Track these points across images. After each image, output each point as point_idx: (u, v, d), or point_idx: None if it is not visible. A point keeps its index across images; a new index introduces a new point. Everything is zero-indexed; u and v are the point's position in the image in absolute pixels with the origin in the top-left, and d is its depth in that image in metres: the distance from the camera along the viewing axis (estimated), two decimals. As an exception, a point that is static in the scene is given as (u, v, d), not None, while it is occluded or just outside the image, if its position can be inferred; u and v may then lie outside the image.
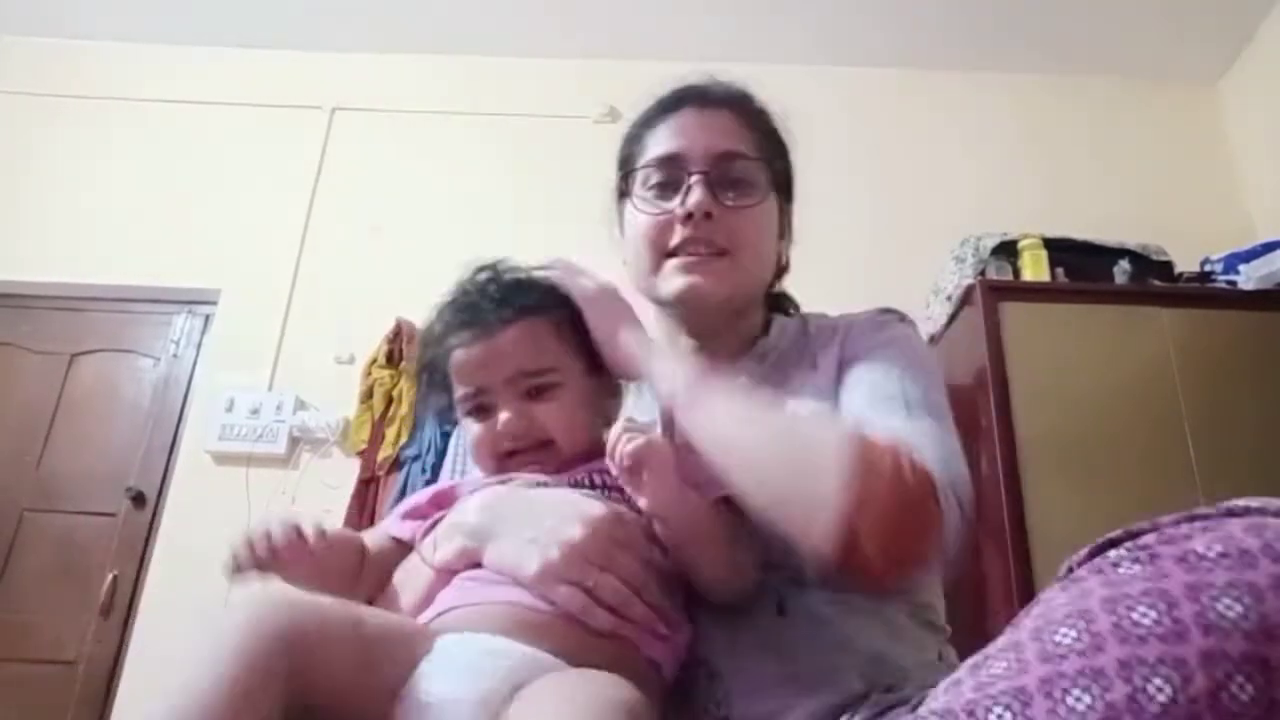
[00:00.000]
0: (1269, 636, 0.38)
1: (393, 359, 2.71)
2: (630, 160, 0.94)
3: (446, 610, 0.69)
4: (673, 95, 0.94)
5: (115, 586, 2.61)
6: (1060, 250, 2.41)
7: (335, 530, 0.76)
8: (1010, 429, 2.10)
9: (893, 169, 3.04)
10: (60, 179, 3.10)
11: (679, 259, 0.86)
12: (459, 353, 0.83)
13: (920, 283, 2.59)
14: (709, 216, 0.85)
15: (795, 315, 0.97)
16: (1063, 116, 3.13)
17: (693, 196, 0.86)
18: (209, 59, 3.27)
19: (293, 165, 3.10)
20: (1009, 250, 2.42)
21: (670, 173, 0.89)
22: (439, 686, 0.59)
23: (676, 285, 0.86)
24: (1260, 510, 0.43)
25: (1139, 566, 0.43)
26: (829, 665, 0.68)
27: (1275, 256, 2.33)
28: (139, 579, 2.62)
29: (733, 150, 0.89)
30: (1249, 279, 2.35)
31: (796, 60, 3.10)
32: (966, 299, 2.35)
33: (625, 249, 0.95)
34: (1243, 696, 0.38)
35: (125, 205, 3.05)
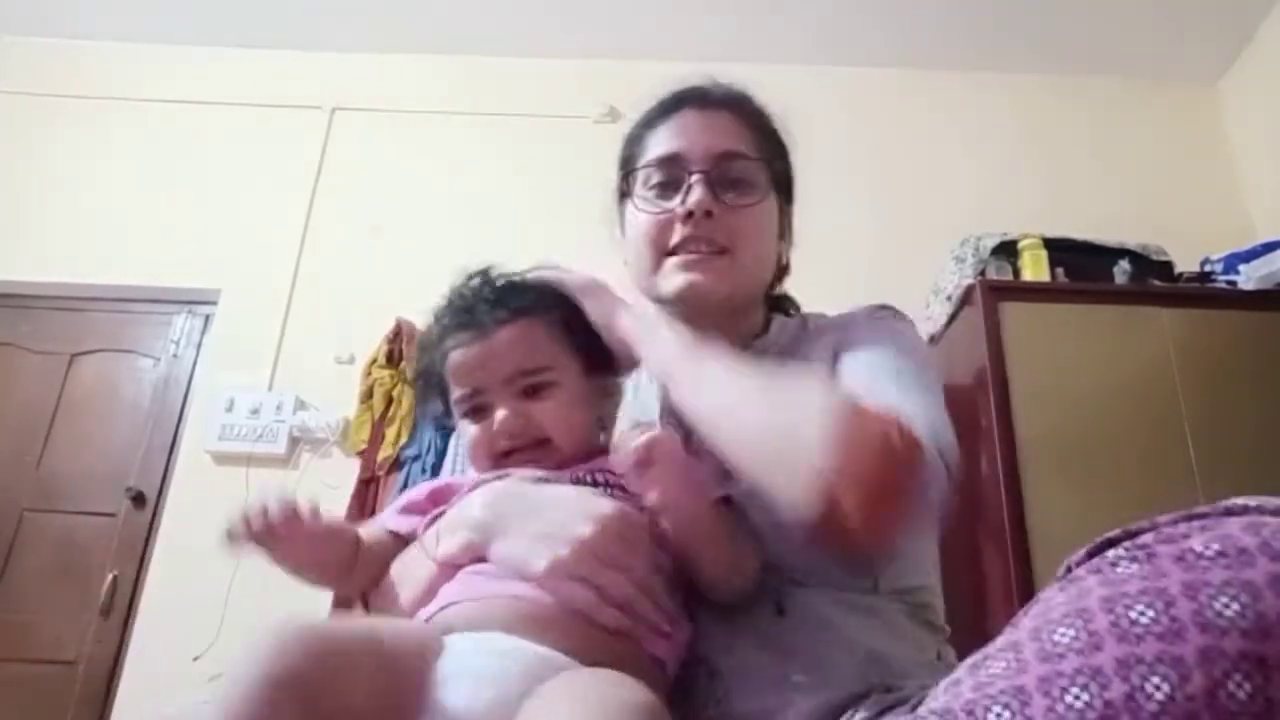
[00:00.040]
0: (1266, 635, 0.38)
1: (393, 359, 2.71)
2: (631, 160, 0.95)
3: (450, 604, 0.68)
4: (673, 96, 0.94)
5: (115, 586, 2.61)
6: (1060, 250, 2.41)
7: (330, 518, 0.76)
8: (1010, 429, 2.10)
9: (893, 169, 3.04)
10: (60, 179, 3.10)
11: (679, 257, 0.87)
12: (455, 354, 0.83)
13: (920, 283, 2.59)
14: (709, 215, 0.86)
15: (795, 315, 0.97)
16: (1063, 116, 3.13)
17: (693, 195, 0.86)
18: (209, 59, 3.27)
19: (293, 165, 3.11)
20: (1009, 250, 2.42)
21: (671, 172, 0.90)
22: (455, 696, 0.59)
23: (677, 283, 0.86)
24: (1258, 509, 0.43)
25: (1137, 565, 0.43)
26: (827, 664, 0.69)
27: (1275, 256, 2.33)
28: (139, 579, 2.62)
29: (733, 150, 0.89)
30: (1249, 279, 2.35)
31: (796, 60, 3.10)
32: (966, 299, 2.35)
33: (626, 249, 0.95)
34: (1240, 695, 0.38)
35: (125, 205, 3.05)
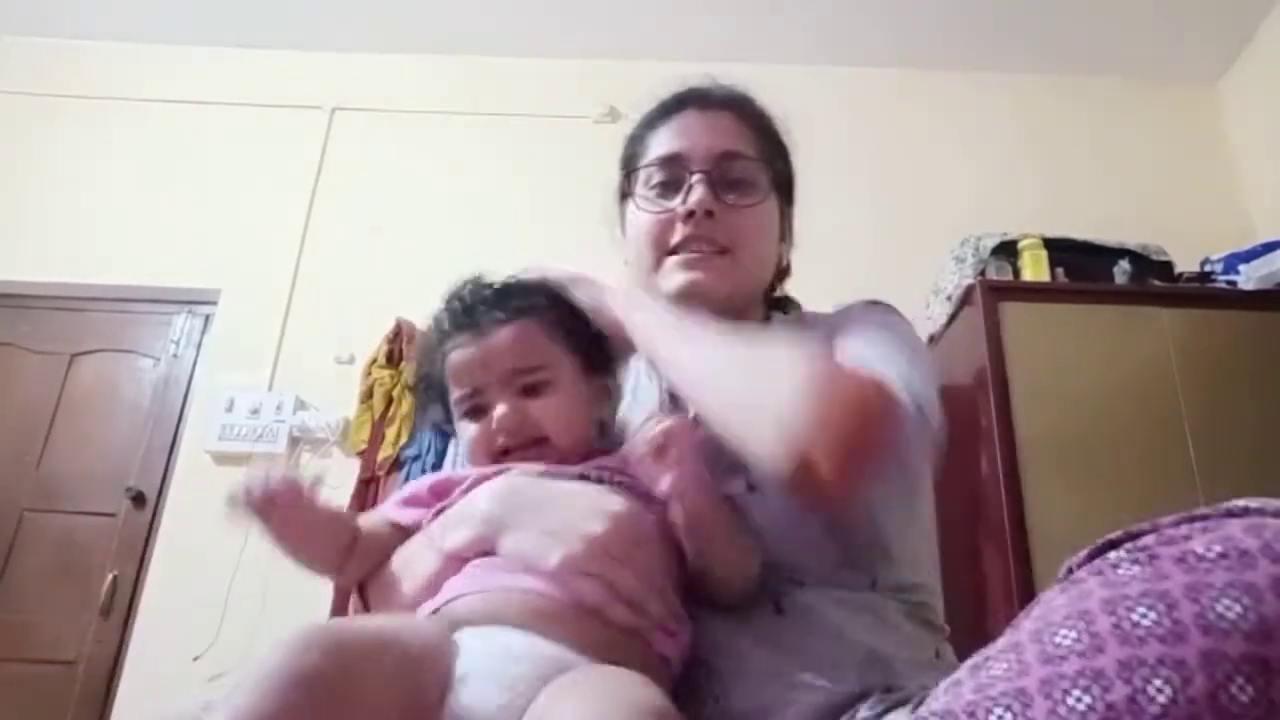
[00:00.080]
0: (1268, 637, 0.38)
1: (393, 359, 2.71)
2: (632, 160, 0.95)
3: (459, 596, 0.68)
4: (675, 97, 0.95)
5: (115, 586, 2.61)
6: (1060, 250, 2.41)
7: (332, 504, 0.77)
8: (1010, 429, 2.10)
9: (893, 169, 3.04)
10: (60, 179, 3.10)
11: (680, 256, 0.87)
12: (455, 355, 0.83)
13: (920, 283, 2.59)
14: (710, 215, 0.86)
15: (794, 314, 0.97)
16: (1063, 116, 3.13)
17: (694, 195, 0.87)
18: (209, 59, 3.27)
19: (293, 165, 3.10)
20: (1009, 250, 2.42)
21: (672, 172, 0.90)
22: (467, 696, 0.59)
23: (677, 282, 0.86)
24: (1260, 511, 0.43)
25: (1138, 568, 0.43)
26: (826, 662, 0.69)
27: (1275, 256, 2.33)
28: (139, 579, 2.62)
29: (734, 150, 0.90)
30: (1249, 279, 2.35)
31: (796, 60, 3.10)
32: (966, 299, 2.35)
33: (627, 248, 0.95)
34: (1242, 697, 0.38)
35: (125, 205, 3.05)
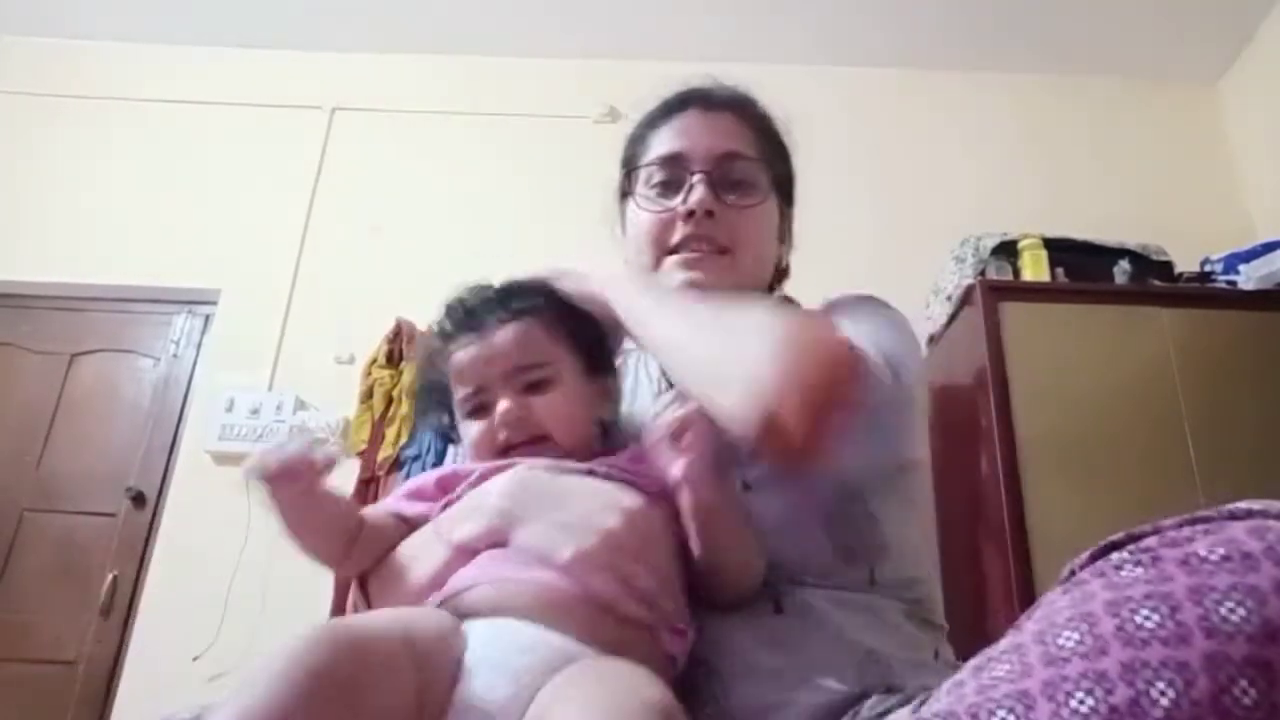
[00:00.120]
0: (1272, 640, 0.38)
1: (393, 359, 2.71)
2: (633, 159, 0.95)
3: (469, 587, 0.68)
4: (677, 96, 0.95)
5: (115, 586, 2.61)
6: (1060, 250, 2.41)
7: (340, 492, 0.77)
8: (1010, 429, 2.10)
9: (893, 169, 3.04)
10: (60, 179, 3.10)
11: (680, 256, 0.88)
12: (458, 355, 0.84)
13: (920, 283, 2.59)
14: (710, 215, 0.86)
15: None
16: (1063, 116, 3.13)
17: (695, 195, 0.87)
18: (209, 59, 3.27)
19: (293, 165, 3.10)
20: (1009, 250, 2.42)
21: (673, 172, 0.90)
22: (475, 687, 0.59)
23: (677, 281, 0.87)
24: (1262, 513, 0.43)
25: (1141, 569, 0.43)
26: (826, 663, 0.69)
27: (1275, 256, 2.33)
28: (139, 579, 2.62)
29: (735, 151, 0.90)
30: (1249, 279, 2.35)
31: (796, 60, 3.10)
32: (966, 299, 2.35)
33: (627, 247, 0.96)
34: (1245, 700, 0.37)
35: (125, 205, 3.05)
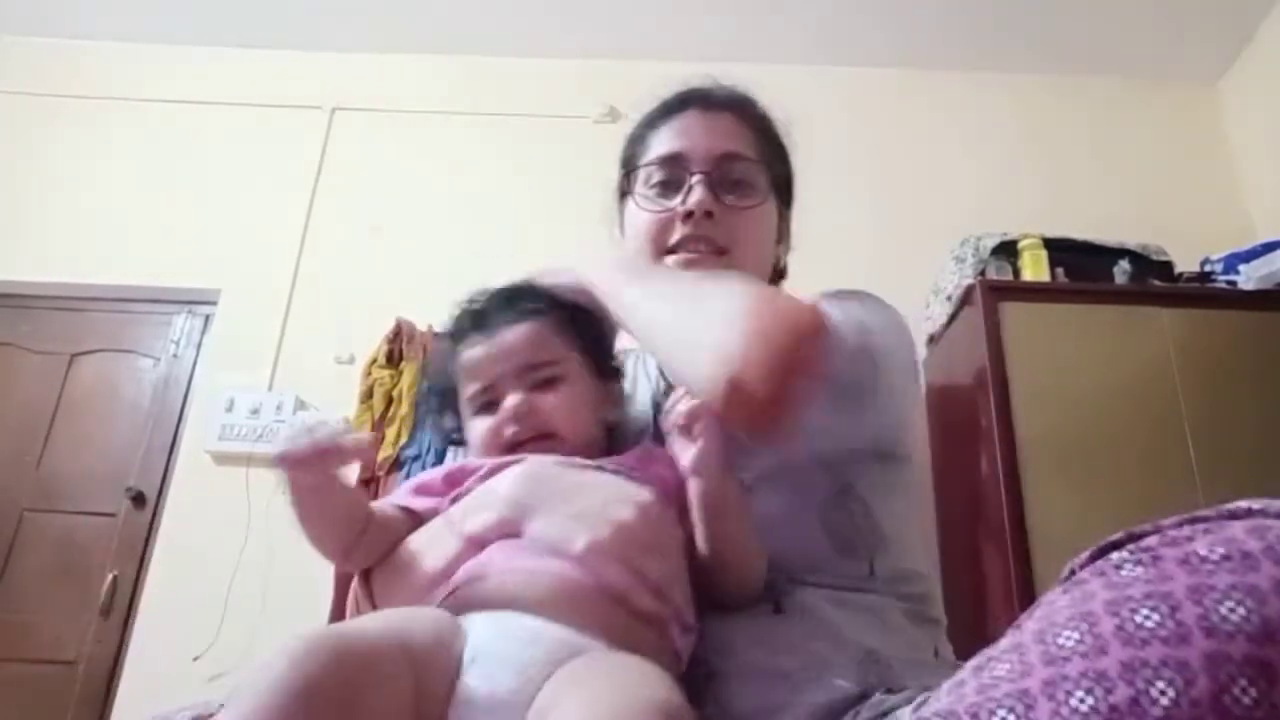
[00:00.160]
0: (1272, 639, 0.38)
1: (393, 359, 2.71)
2: (633, 159, 0.95)
3: (479, 577, 0.68)
4: (677, 97, 0.95)
5: (115, 586, 2.61)
6: (1060, 250, 2.41)
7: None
8: (1010, 429, 2.10)
9: (893, 169, 3.03)
10: (60, 179, 3.10)
11: (678, 256, 0.88)
12: (468, 353, 0.85)
13: (920, 283, 2.59)
14: (709, 216, 0.86)
15: None
16: (1063, 116, 3.13)
17: (694, 195, 0.87)
18: (209, 59, 3.27)
19: (293, 165, 3.10)
20: (1009, 250, 2.42)
21: (672, 172, 0.90)
22: (476, 682, 0.59)
23: None
24: (1262, 512, 0.43)
25: (1141, 569, 0.43)
26: (826, 663, 0.69)
27: (1275, 256, 2.33)
28: (139, 579, 2.62)
29: (734, 152, 0.90)
30: (1249, 279, 2.35)
31: (796, 60, 3.10)
32: (966, 299, 2.35)
33: (626, 247, 0.95)
34: (1245, 700, 0.37)
35: (125, 205, 3.05)
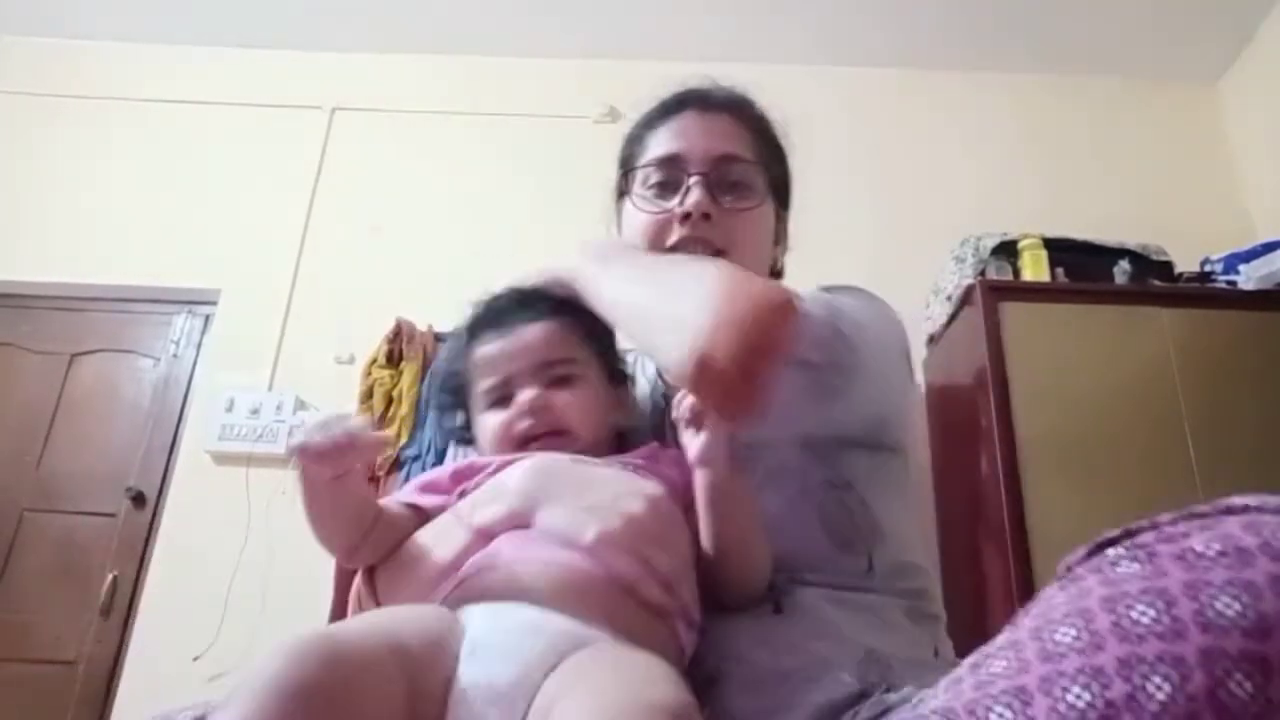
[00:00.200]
0: (1267, 634, 0.38)
1: (393, 359, 2.71)
2: (631, 160, 0.95)
3: (488, 568, 0.67)
4: (675, 97, 0.95)
5: (115, 586, 2.60)
6: (1060, 250, 2.41)
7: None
8: (1010, 429, 2.10)
9: (893, 169, 3.03)
10: (60, 179, 3.10)
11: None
12: (485, 349, 0.86)
13: (920, 283, 2.59)
14: (707, 217, 0.86)
15: None
16: (1063, 116, 3.12)
17: (691, 197, 0.87)
18: (209, 59, 3.27)
19: (293, 165, 3.10)
20: (1009, 250, 2.42)
21: (670, 173, 0.90)
22: (475, 673, 0.58)
23: None
24: (1258, 508, 0.43)
25: (1137, 565, 0.43)
26: (826, 662, 0.69)
27: (1275, 256, 2.33)
28: (139, 579, 2.61)
29: (732, 153, 0.90)
30: (1249, 279, 2.35)
31: (796, 60, 3.10)
32: (966, 299, 2.35)
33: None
34: (1241, 694, 0.38)
35: (125, 205, 3.05)
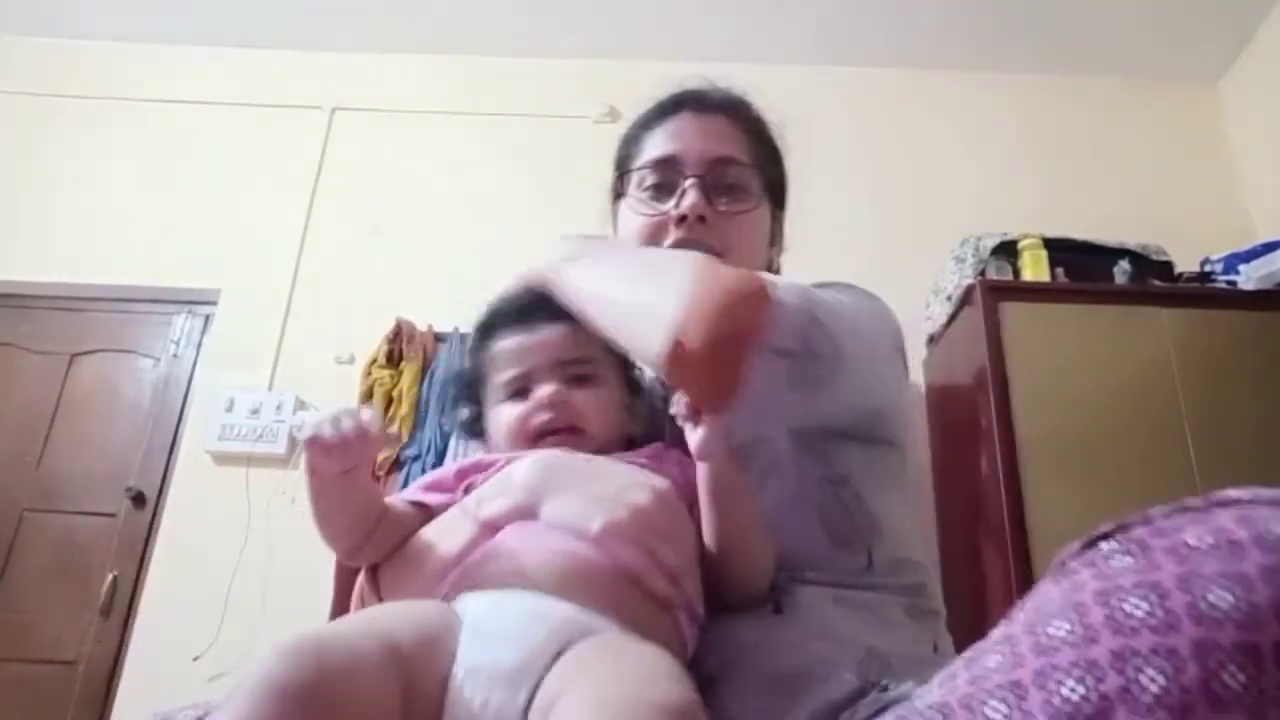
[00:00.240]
0: (1259, 626, 0.39)
1: (393, 359, 2.71)
2: (627, 161, 0.95)
3: (493, 557, 0.67)
4: (671, 99, 0.95)
5: (115, 586, 2.61)
6: (1060, 250, 2.41)
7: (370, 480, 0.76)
8: (1010, 429, 2.10)
9: (893, 169, 3.04)
10: (60, 179, 3.10)
11: None
12: (505, 342, 0.86)
13: (920, 283, 2.59)
14: (702, 220, 0.86)
15: None
16: (1063, 116, 3.13)
17: (687, 199, 0.87)
18: (209, 59, 3.28)
19: (293, 165, 3.11)
20: (1009, 250, 2.42)
21: (666, 175, 0.90)
22: (476, 652, 0.58)
23: None
24: (1250, 501, 0.43)
25: (1130, 559, 0.43)
26: (825, 661, 0.68)
27: (1275, 256, 2.33)
28: (139, 579, 2.62)
29: (728, 155, 0.90)
30: (1249, 279, 2.35)
31: (796, 60, 3.10)
32: (966, 299, 2.35)
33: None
34: (1234, 685, 0.38)
35: (125, 205, 3.05)
